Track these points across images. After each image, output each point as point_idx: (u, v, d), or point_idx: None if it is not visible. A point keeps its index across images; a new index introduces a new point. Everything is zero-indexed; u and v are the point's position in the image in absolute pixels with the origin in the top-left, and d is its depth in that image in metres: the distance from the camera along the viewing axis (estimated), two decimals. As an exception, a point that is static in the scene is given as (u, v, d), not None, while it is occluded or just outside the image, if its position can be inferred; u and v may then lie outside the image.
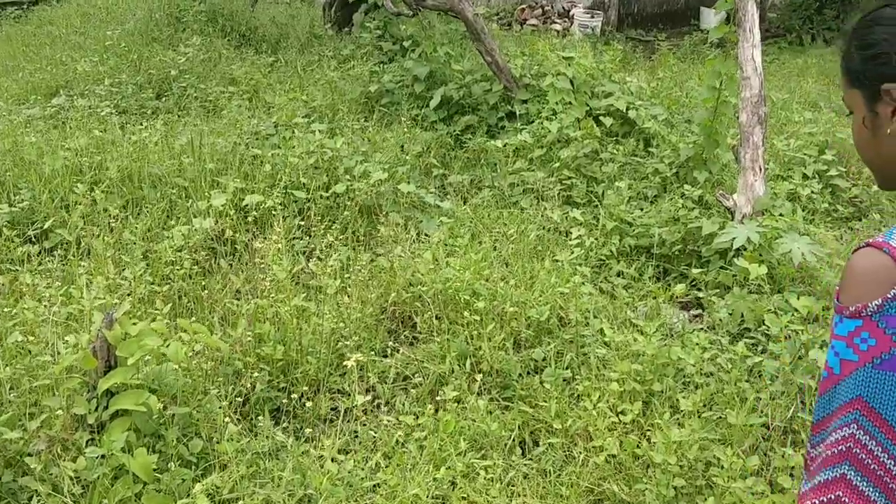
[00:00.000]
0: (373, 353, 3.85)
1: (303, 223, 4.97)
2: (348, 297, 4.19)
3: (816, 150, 6.45)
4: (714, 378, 3.41)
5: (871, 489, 1.10)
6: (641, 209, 5.14)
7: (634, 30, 14.35)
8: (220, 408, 3.28)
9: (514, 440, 3.30)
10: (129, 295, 4.02)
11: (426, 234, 4.96)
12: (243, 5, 10.88)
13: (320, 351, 3.74)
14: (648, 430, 3.28)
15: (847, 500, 1.11)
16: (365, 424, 3.41)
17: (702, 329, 4.04)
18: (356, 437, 3.35)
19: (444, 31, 9.20)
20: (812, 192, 5.60)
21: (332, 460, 3.10)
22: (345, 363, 3.53)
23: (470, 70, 7.48)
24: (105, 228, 4.74)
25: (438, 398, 3.45)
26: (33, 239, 4.76)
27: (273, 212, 4.94)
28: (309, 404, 3.43)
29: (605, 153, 5.81)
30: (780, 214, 4.67)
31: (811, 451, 1.18)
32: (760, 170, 4.70)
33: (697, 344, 3.65)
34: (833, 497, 1.12)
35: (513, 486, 3.09)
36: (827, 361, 1.17)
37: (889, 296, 1.11)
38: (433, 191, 5.69)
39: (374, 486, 3.01)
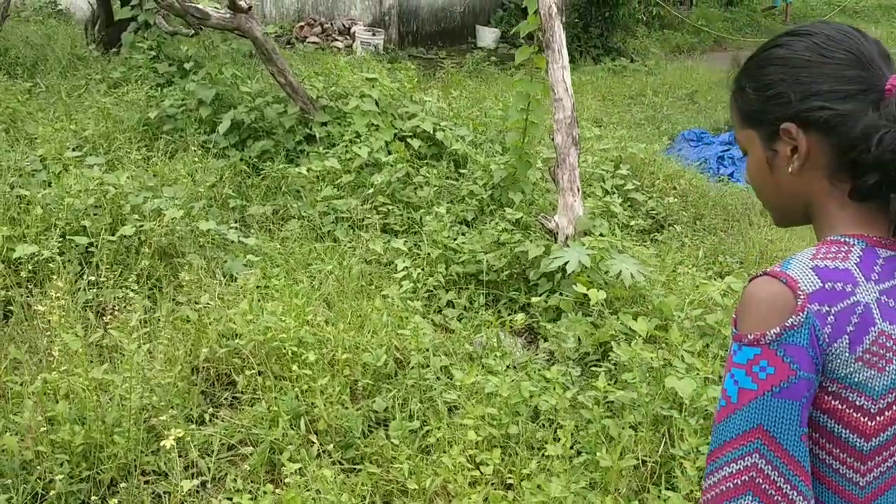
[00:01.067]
0: (190, 423, 3.35)
1: (93, 277, 4.30)
2: (152, 357, 3.64)
3: (612, 166, 6.64)
4: (575, 414, 3.25)
5: None
6: (463, 234, 4.96)
7: (415, 47, 14.41)
8: (7, 517, 2.68)
9: (367, 508, 2.95)
10: None
11: (234, 277, 4.47)
12: (-12, 24, 9.63)
13: (128, 428, 3.18)
14: (509, 477, 3.06)
15: None
16: (193, 512, 2.92)
17: (544, 357, 3.90)
18: (183, 528, 2.86)
19: (227, 51, 8.61)
20: (618, 208, 5.71)
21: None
22: (162, 442, 3.01)
23: (260, 92, 7.00)
24: None
25: (278, 472, 3.03)
26: None
27: (50, 263, 4.24)
28: (123, 497, 2.88)
29: (419, 177, 5.59)
30: (601, 234, 4.67)
31: (708, 478, 1.16)
32: (578, 190, 4.68)
33: (545, 377, 3.49)
34: None
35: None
36: (725, 389, 1.16)
37: (787, 324, 1.11)
38: (234, 225, 5.19)
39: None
